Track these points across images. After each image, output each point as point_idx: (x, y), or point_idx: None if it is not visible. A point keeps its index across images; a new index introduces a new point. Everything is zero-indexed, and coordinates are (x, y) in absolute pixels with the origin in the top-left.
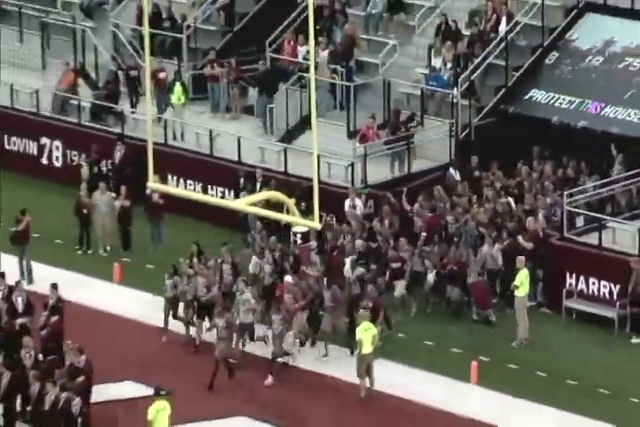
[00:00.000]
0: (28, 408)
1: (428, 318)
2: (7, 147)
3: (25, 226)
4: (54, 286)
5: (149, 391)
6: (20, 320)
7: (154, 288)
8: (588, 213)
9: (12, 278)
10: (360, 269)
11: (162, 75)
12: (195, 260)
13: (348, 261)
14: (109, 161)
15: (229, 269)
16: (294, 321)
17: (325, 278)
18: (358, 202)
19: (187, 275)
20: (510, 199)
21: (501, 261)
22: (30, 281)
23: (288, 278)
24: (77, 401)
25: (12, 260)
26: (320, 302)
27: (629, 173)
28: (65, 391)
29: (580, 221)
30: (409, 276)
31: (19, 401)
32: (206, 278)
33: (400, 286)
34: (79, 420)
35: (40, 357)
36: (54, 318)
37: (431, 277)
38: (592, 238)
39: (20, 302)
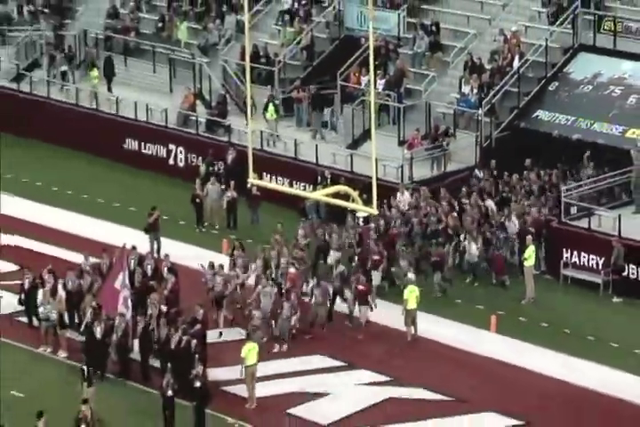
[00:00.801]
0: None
1: (461, 283)
2: (143, 151)
3: (154, 219)
4: (167, 256)
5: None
6: (150, 282)
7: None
8: (579, 203)
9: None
10: (341, 267)
11: (299, 94)
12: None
13: (330, 259)
14: (221, 162)
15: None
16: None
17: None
18: (406, 194)
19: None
20: (491, 203)
21: (477, 258)
22: (159, 255)
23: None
24: (195, 342)
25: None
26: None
27: (614, 172)
28: (185, 335)
29: (573, 210)
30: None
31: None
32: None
33: (437, 276)
34: (196, 356)
35: (164, 308)
36: (172, 280)
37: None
38: (583, 223)
39: (149, 268)
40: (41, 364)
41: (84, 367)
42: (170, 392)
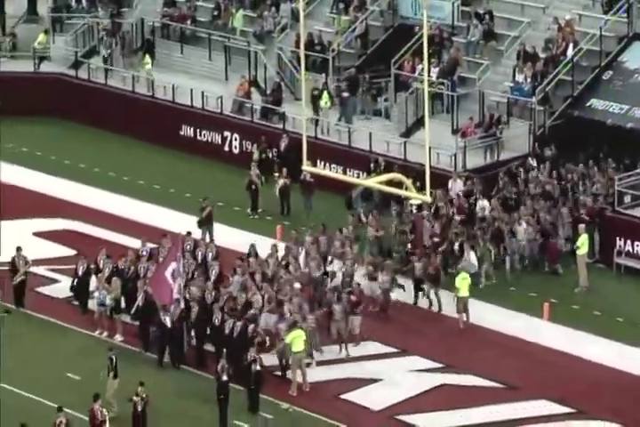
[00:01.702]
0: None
1: (513, 271)
2: (199, 138)
3: (207, 213)
4: (212, 241)
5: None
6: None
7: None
8: (633, 192)
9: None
10: (336, 281)
11: (345, 94)
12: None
13: (318, 274)
14: (275, 149)
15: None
16: None
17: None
18: (459, 182)
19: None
20: (485, 203)
21: (477, 266)
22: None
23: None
24: (252, 327)
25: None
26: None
27: None
28: (239, 320)
29: (627, 199)
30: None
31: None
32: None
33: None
34: (250, 341)
35: (217, 294)
36: (218, 267)
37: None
38: (637, 211)
39: (199, 255)
40: (97, 348)
41: (113, 357)
42: (224, 377)
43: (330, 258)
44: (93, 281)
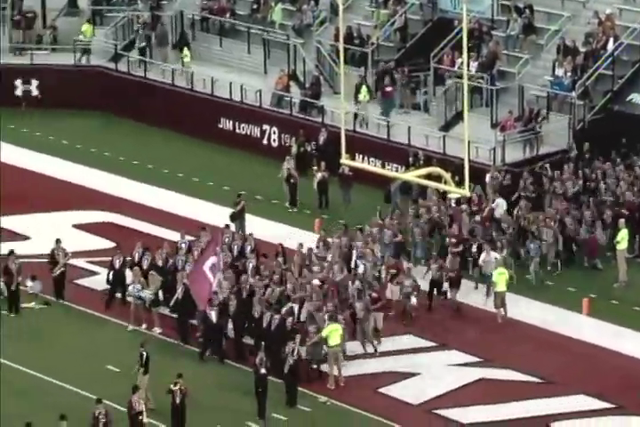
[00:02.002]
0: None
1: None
2: (237, 131)
3: (240, 208)
4: (251, 235)
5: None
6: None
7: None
8: None
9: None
10: (357, 283)
11: (388, 88)
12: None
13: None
14: (313, 142)
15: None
16: None
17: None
18: (498, 176)
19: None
20: (500, 200)
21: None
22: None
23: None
24: (290, 320)
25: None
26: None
27: None
28: (278, 313)
29: None
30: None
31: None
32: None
33: (534, 264)
34: (295, 334)
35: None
36: (255, 260)
37: None
38: None
39: (235, 248)
40: (135, 340)
41: (144, 353)
42: (263, 370)
43: (354, 257)
44: (129, 274)
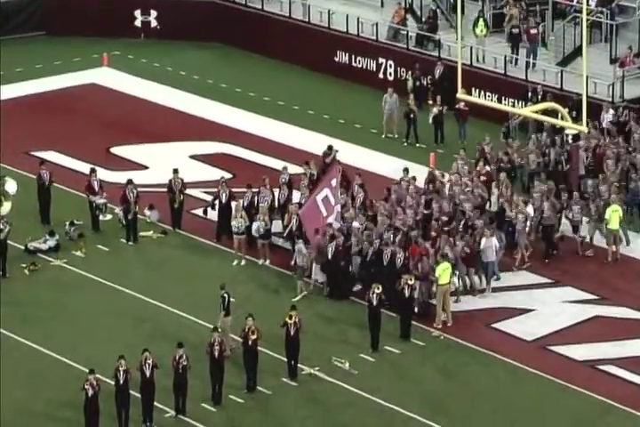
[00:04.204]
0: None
1: None
2: (353, 64)
3: (332, 158)
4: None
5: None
6: None
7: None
8: None
9: None
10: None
11: (533, 31)
12: None
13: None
14: (429, 76)
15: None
16: None
17: None
18: (611, 112)
19: None
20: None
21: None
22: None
23: None
24: (402, 254)
25: None
26: None
27: None
28: (389, 246)
29: None
30: None
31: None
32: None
33: None
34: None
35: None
36: (362, 195)
37: None
38: None
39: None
40: (247, 271)
41: (225, 296)
42: (375, 302)
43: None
44: (233, 208)
